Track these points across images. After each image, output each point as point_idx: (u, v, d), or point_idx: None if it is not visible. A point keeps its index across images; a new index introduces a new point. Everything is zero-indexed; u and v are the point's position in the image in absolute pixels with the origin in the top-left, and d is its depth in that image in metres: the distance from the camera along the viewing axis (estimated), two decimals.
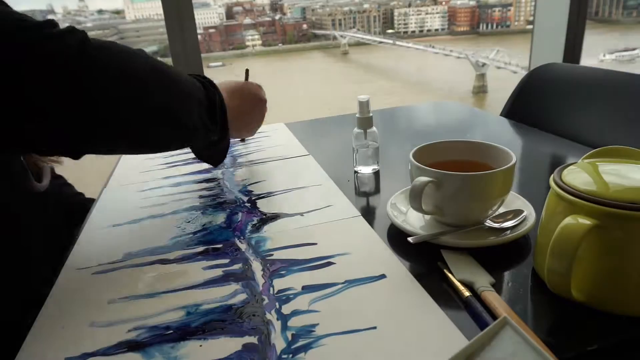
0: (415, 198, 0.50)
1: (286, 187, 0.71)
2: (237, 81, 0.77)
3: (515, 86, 1.09)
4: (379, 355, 0.38)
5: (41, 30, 0.44)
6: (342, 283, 0.47)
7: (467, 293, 0.43)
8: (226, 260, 0.52)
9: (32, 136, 0.46)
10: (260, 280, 0.48)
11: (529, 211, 0.54)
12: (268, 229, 0.59)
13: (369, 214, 0.62)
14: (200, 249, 0.55)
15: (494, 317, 0.40)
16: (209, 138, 0.64)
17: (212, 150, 0.69)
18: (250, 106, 0.77)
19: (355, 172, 0.76)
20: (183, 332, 0.42)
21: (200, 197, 0.70)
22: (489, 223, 0.53)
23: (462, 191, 0.52)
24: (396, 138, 0.97)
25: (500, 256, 0.50)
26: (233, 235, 0.58)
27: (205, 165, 0.83)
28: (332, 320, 0.42)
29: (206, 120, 0.61)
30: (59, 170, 0.79)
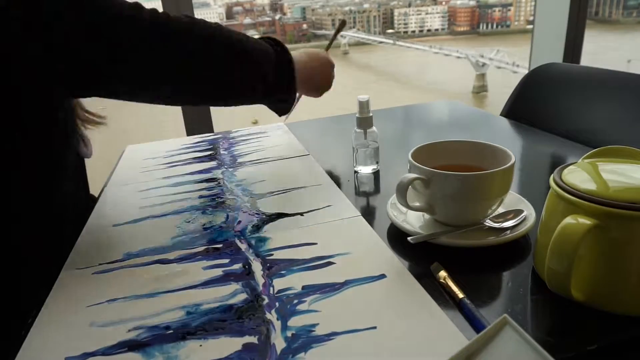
0: (401, 194, 0.51)
1: (286, 187, 0.71)
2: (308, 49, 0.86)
3: (515, 86, 1.09)
4: (379, 355, 0.38)
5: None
6: (342, 283, 0.47)
7: (460, 295, 0.43)
8: (226, 260, 0.52)
9: (121, 73, 0.59)
10: (260, 280, 0.48)
11: (529, 211, 0.54)
12: (268, 229, 0.59)
13: (369, 214, 0.62)
14: (200, 249, 0.55)
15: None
16: (276, 97, 0.74)
17: (279, 105, 0.78)
18: (318, 67, 0.83)
19: (355, 172, 0.76)
20: (183, 332, 0.42)
21: (200, 197, 0.70)
22: (488, 223, 0.53)
23: (460, 191, 0.52)
24: (396, 138, 0.97)
25: (500, 256, 0.50)
26: (233, 235, 0.58)
27: (205, 165, 0.83)
28: (332, 320, 0.42)
29: (275, 81, 0.71)
30: None
